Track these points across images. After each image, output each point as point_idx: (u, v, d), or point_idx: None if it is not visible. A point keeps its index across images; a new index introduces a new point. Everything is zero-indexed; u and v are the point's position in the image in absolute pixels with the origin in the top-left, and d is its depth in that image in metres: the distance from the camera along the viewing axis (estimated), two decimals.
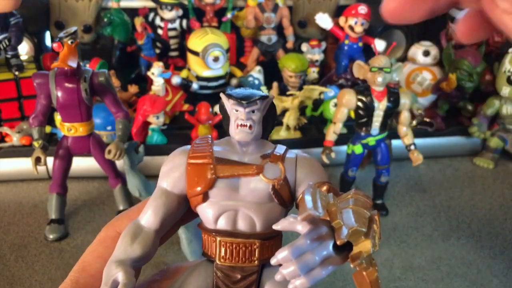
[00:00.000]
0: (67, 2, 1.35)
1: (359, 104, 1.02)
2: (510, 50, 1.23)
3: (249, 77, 1.35)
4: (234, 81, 1.38)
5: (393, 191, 1.18)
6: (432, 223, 1.08)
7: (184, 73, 1.33)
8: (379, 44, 1.36)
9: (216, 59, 1.27)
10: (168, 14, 1.40)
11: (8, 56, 1.16)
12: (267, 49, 1.42)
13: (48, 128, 1.16)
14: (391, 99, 1.01)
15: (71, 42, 0.87)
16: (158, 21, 1.42)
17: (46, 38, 1.36)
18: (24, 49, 1.29)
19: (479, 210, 1.13)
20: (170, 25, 1.42)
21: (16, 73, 1.16)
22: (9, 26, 1.11)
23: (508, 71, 1.22)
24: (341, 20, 1.36)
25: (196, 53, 1.28)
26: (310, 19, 1.46)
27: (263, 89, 1.24)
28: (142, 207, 0.40)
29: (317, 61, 1.42)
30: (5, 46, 1.12)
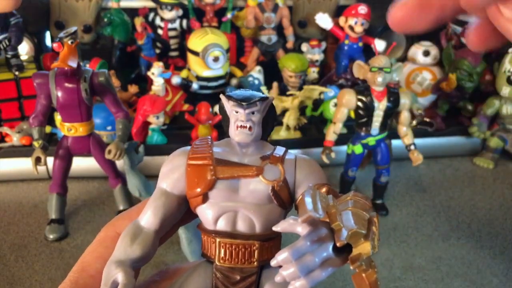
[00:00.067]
0: (67, 2, 1.35)
1: (359, 104, 1.02)
2: (510, 50, 1.23)
3: (249, 77, 1.35)
4: (234, 81, 1.38)
5: (393, 191, 1.18)
6: (432, 223, 1.08)
7: (184, 73, 1.33)
8: (379, 44, 1.36)
9: (216, 59, 1.27)
10: (168, 14, 1.40)
11: (8, 56, 1.16)
12: (267, 49, 1.42)
13: (48, 128, 1.16)
14: (391, 99, 1.01)
15: (71, 42, 0.87)
16: (158, 21, 1.42)
17: (46, 38, 1.36)
18: (24, 49, 1.29)
19: (479, 210, 1.13)
20: (170, 25, 1.42)
21: (16, 73, 1.16)
22: (9, 26, 1.11)
23: (508, 71, 1.22)
24: (341, 20, 1.36)
25: (196, 53, 1.28)
26: (310, 19, 1.46)
27: (263, 89, 1.24)
28: (142, 207, 0.40)
29: (317, 61, 1.42)
30: (5, 46, 1.12)
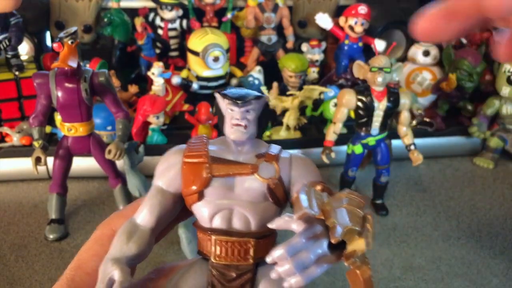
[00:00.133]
0: (67, 2, 1.35)
1: (359, 104, 1.02)
2: None
3: (249, 77, 1.35)
4: (234, 81, 1.38)
5: (393, 191, 1.18)
6: (432, 223, 1.08)
7: (184, 73, 1.33)
8: (379, 44, 1.36)
9: (216, 59, 1.27)
10: (168, 14, 1.40)
11: (8, 56, 1.16)
12: (267, 49, 1.42)
13: (48, 128, 1.16)
14: (391, 99, 1.01)
15: (71, 42, 0.87)
16: (158, 21, 1.42)
17: (46, 38, 1.36)
18: (24, 49, 1.29)
19: (479, 210, 1.13)
20: (170, 25, 1.42)
21: (16, 73, 1.16)
22: (9, 26, 1.11)
23: (508, 71, 1.22)
24: (341, 20, 1.36)
25: (196, 53, 1.28)
26: (310, 19, 1.46)
27: (263, 89, 1.24)
28: (138, 205, 0.41)
29: (317, 61, 1.42)
30: (5, 46, 1.12)
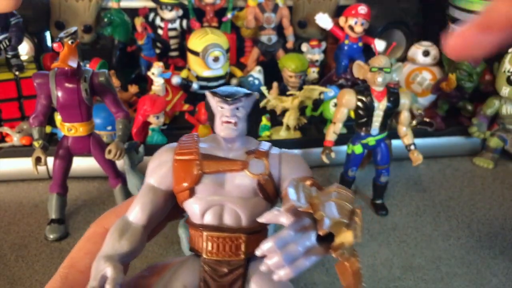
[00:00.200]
0: (67, 2, 1.35)
1: (359, 104, 1.02)
2: (510, 50, 1.23)
3: (249, 77, 1.35)
4: (234, 81, 1.38)
5: (393, 191, 1.18)
6: (432, 223, 1.08)
7: (184, 73, 1.33)
8: (379, 44, 1.36)
9: (216, 59, 1.27)
10: (168, 14, 1.40)
11: (9, 56, 1.16)
12: (267, 49, 1.42)
13: (48, 128, 1.16)
14: (391, 99, 1.01)
15: (71, 42, 0.87)
16: (158, 21, 1.42)
17: (47, 38, 1.36)
18: (25, 49, 1.29)
19: (479, 210, 1.13)
20: (170, 25, 1.42)
21: (17, 73, 1.16)
22: (9, 26, 1.11)
23: (508, 71, 1.22)
24: (341, 20, 1.36)
25: (196, 53, 1.28)
26: (310, 19, 1.46)
27: (263, 89, 1.24)
28: (130, 203, 0.41)
29: (317, 61, 1.42)
30: (5, 46, 1.12)
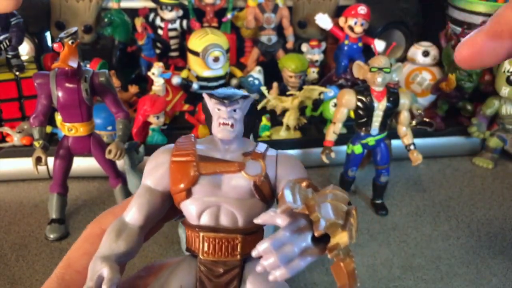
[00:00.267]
0: (67, 2, 1.36)
1: (359, 104, 1.02)
2: None
3: (249, 77, 1.36)
4: (234, 81, 1.38)
5: (393, 191, 1.18)
6: (431, 223, 1.08)
7: (184, 73, 1.33)
8: (379, 44, 1.36)
9: (216, 59, 1.27)
10: (168, 15, 1.41)
11: (9, 56, 1.16)
12: (267, 50, 1.42)
13: (49, 128, 1.16)
14: (391, 99, 1.01)
15: (72, 43, 0.87)
16: (158, 22, 1.42)
17: (47, 38, 1.37)
18: (25, 49, 1.29)
19: (479, 210, 1.13)
20: (170, 26, 1.42)
21: (17, 73, 1.16)
22: (10, 26, 1.11)
23: (508, 71, 1.22)
24: (341, 21, 1.36)
25: (196, 53, 1.28)
26: (310, 20, 1.46)
27: (263, 89, 1.24)
28: (127, 204, 0.41)
29: (317, 61, 1.42)
30: (6, 46, 1.12)
